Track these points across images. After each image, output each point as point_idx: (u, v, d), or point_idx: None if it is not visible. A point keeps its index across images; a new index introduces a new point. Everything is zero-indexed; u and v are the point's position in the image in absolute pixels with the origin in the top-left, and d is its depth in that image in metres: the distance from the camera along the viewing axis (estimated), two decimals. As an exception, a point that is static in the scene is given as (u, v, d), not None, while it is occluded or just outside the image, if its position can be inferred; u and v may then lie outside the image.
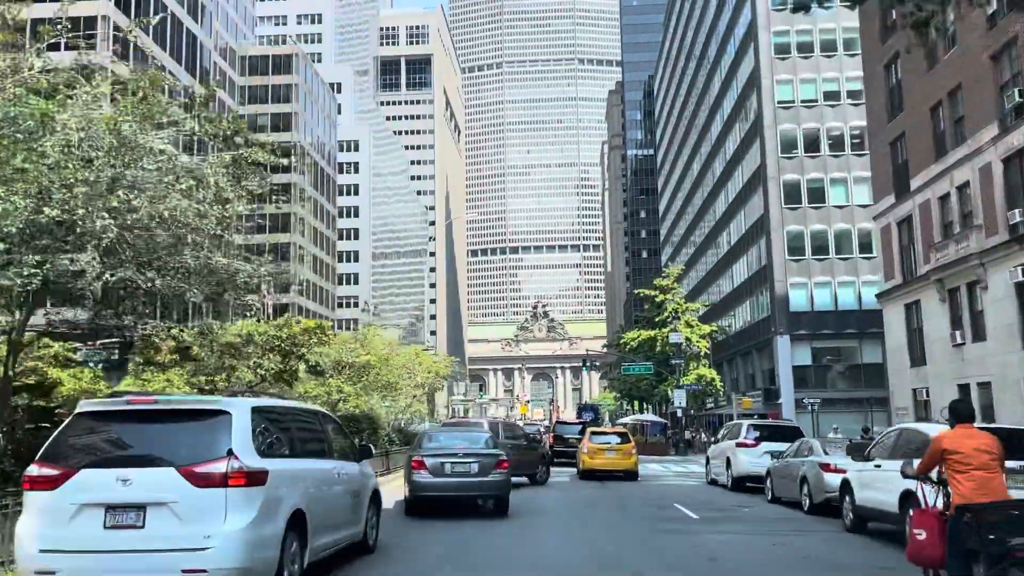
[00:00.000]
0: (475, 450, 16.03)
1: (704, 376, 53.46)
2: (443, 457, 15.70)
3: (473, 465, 15.64)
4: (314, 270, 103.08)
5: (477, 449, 16.08)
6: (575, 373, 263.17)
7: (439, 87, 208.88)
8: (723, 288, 66.42)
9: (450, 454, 15.80)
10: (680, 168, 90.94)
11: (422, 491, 15.54)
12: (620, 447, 26.07)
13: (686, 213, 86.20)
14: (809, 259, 52.05)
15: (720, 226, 67.54)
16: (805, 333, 51.46)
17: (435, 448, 16.26)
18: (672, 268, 60.32)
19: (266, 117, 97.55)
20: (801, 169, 52.84)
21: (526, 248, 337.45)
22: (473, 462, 15.65)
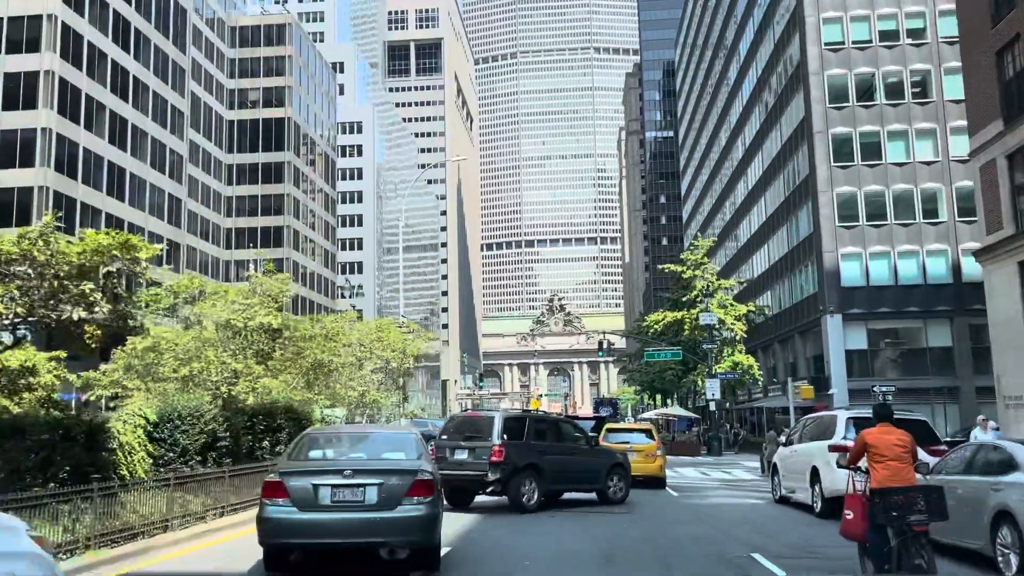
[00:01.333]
0: (375, 464, 9.48)
1: (740, 363, 46.07)
2: (319, 476, 9.11)
3: (368, 490, 8.99)
4: (311, 256, 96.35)
5: (379, 463, 9.59)
6: (592, 368, 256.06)
7: (450, 72, 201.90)
8: (757, 266, 58.89)
9: (332, 471, 9.18)
10: (705, 141, 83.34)
11: (280, 536, 9.04)
12: (643, 447, 21.74)
13: (712, 189, 78.61)
14: (864, 225, 44.48)
15: (754, 196, 59.96)
16: (859, 312, 43.92)
17: (312, 462, 9.61)
18: (702, 240, 52.79)
19: (257, 92, 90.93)
20: (853, 121, 45.26)
21: (542, 241, 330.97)
22: (370, 485, 9.00)
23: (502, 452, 14.95)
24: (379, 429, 12.57)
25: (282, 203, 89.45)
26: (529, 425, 16.12)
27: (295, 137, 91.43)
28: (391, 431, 11.83)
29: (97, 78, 54.20)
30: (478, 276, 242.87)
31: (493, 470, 14.99)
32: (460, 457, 15.63)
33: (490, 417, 16.04)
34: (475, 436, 15.75)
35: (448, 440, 16.21)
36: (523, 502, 15.24)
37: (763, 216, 57.40)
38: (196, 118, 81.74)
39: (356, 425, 14.22)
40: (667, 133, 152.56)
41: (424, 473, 9.19)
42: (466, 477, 15.46)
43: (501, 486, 15.22)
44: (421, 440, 10.64)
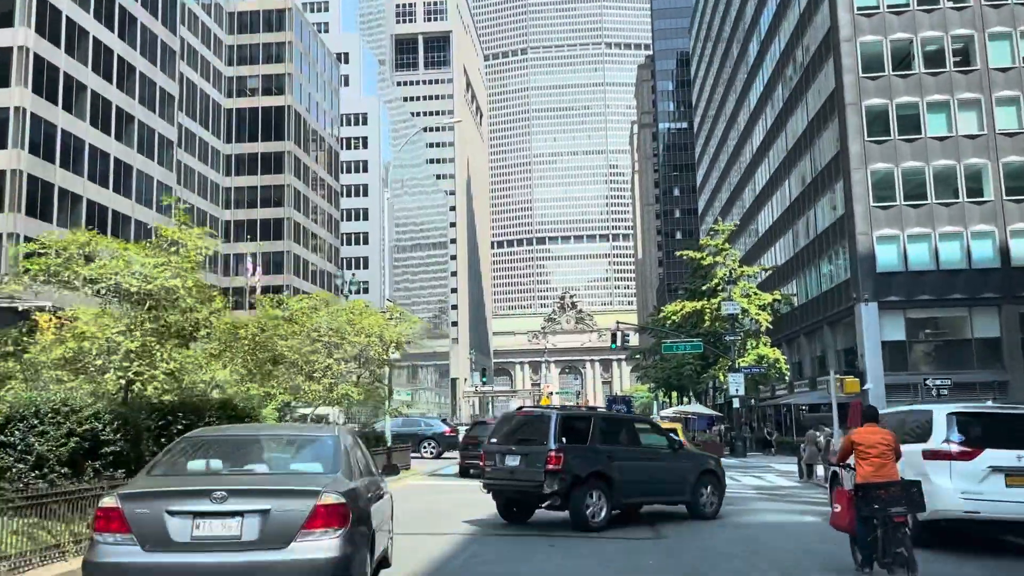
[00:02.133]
0: (261, 483, 6.72)
1: (766, 357, 42.37)
2: (177, 501, 6.26)
3: (248, 521, 6.18)
4: (314, 250, 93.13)
5: (269, 480, 6.83)
6: (605, 366, 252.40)
7: (459, 66, 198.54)
8: (780, 254, 55.15)
9: (195, 493, 6.30)
10: (721, 128, 79.57)
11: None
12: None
13: (729, 177, 74.85)
14: (901, 205, 40.72)
15: (777, 179, 56.21)
16: (897, 300, 40.17)
17: (173, 478, 6.74)
18: (722, 224, 49.04)
19: (256, 79, 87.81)
20: (889, 92, 41.50)
21: (553, 239, 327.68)
22: (250, 513, 6.19)
23: (560, 459, 12.56)
24: (290, 431, 9.07)
25: (282, 194, 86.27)
26: (594, 426, 13.52)
27: (296, 126, 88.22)
28: (307, 432, 8.41)
29: (77, 56, 51.03)
30: (488, 274, 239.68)
31: (550, 480, 12.59)
32: (511, 464, 13.30)
33: (546, 417, 13.43)
34: (529, 439, 13.39)
35: (498, 444, 13.84)
36: (587, 518, 12.69)
37: (787, 200, 53.65)
38: (193, 106, 78.69)
39: (260, 426, 10.63)
40: (681, 124, 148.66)
41: (331, 495, 6.27)
42: (519, 488, 13.27)
43: (560, 499, 12.82)
44: (350, 446, 7.64)
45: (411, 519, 13.25)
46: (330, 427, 8.97)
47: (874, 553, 8.72)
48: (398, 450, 23.96)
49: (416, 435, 29.98)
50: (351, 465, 7.21)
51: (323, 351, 17.42)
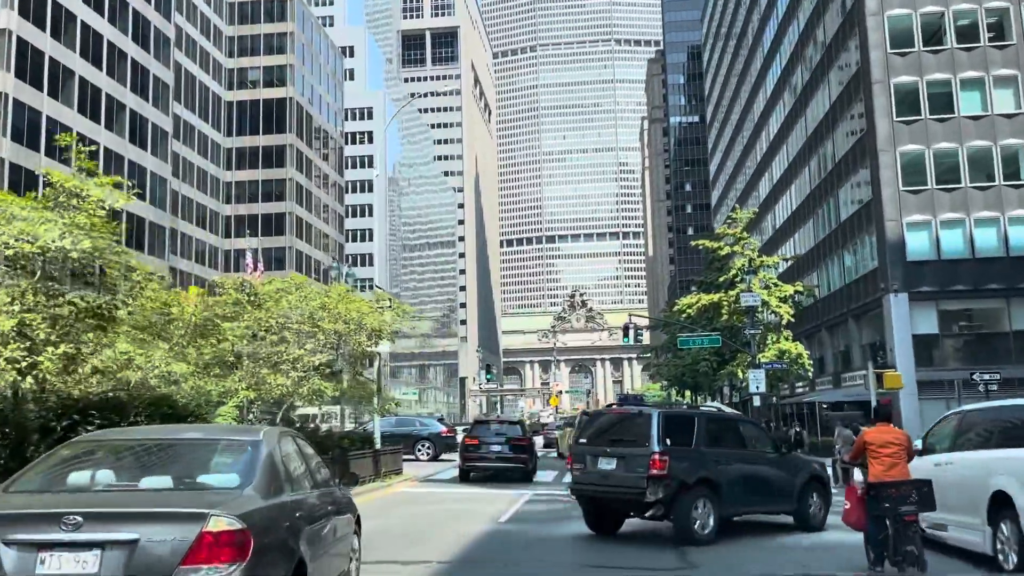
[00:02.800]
0: (128, 506, 5.25)
1: (788, 351, 39.81)
2: (19, 528, 4.90)
3: (108, 557, 4.77)
4: (317, 246, 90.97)
5: (141, 502, 5.33)
6: (615, 365, 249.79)
7: (467, 62, 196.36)
8: (800, 245, 52.50)
9: (42, 518, 4.94)
10: (736, 117, 76.95)
11: None
12: None
13: (744, 167, 72.21)
14: (933, 190, 38.10)
15: (796, 167, 53.60)
16: (928, 291, 37.55)
17: (26, 497, 5.42)
18: (740, 212, 46.41)
19: (257, 71, 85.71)
20: (919, 69, 38.88)
21: (563, 237, 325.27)
22: (112, 545, 4.79)
23: (665, 463, 11.35)
24: (206, 433, 7.05)
25: (284, 188, 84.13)
26: (699, 426, 12.26)
27: (297, 119, 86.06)
28: (225, 436, 6.61)
29: (64, 41, 48.95)
30: (497, 272, 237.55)
31: (653, 487, 11.34)
32: (605, 468, 12.00)
33: (646, 415, 12.14)
34: (625, 440, 12.12)
35: (589, 445, 12.54)
36: (694, 530, 11.42)
37: (807, 188, 51.03)
38: (192, 99, 76.68)
39: (172, 428, 8.23)
40: (692, 118, 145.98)
41: (224, 518, 4.89)
42: (614, 495, 11.97)
43: (664, 508, 11.52)
44: (282, 452, 6.24)
45: (384, 538, 10.89)
46: (256, 429, 6.72)
47: (885, 551, 8.68)
48: (388, 453, 21.60)
49: (410, 436, 27.63)
50: (275, 477, 5.79)
51: (292, 340, 15.12)
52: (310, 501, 6.24)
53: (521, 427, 23.91)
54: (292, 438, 6.88)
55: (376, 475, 19.67)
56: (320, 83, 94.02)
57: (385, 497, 16.62)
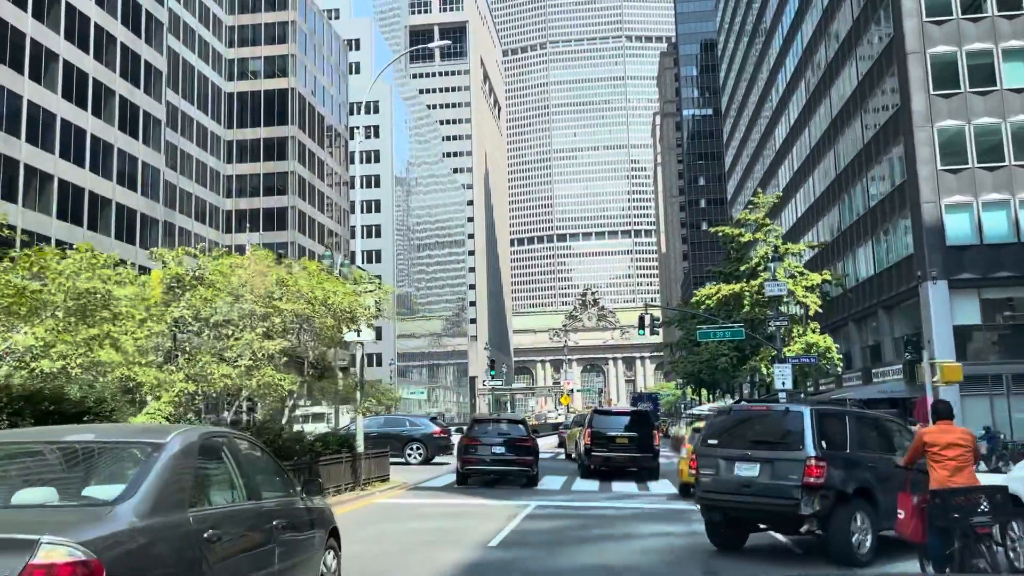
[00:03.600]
0: None
1: (816, 345, 36.89)
2: None
3: None
4: (321, 241, 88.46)
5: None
6: (628, 364, 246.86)
7: (476, 57, 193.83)
8: (824, 233, 49.47)
9: None
10: (753, 105, 73.96)
11: None
12: None
13: (762, 155, 69.17)
14: (974, 168, 35.11)
15: (820, 151, 50.62)
16: (970, 278, 34.58)
17: None
18: (763, 197, 43.31)
19: (259, 61, 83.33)
20: (958, 38, 35.92)
21: (574, 235, 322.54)
22: None
23: (822, 470, 9.72)
24: (101, 436, 5.52)
25: (286, 182, 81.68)
26: (851, 426, 10.55)
27: (300, 110, 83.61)
28: (124, 438, 5.34)
29: (47, 22, 46.54)
30: (507, 271, 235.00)
31: (808, 498, 9.73)
32: (745, 474, 10.29)
33: (795, 413, 10.43)
34: (770, 442, 10.40)
35: (721, 447, 10.74)
36: (853, 549, 9.77)
37: (833, 172, 48.04)
38: (191, 89, 74.37)
39: (62, 429, 6.20)
40: (705, 111, 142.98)
41: (60, 547, 3.80)
42: (757, 507, 10.33)
43: (819, 523, 9.88)
44: (179, 457, 4.89)
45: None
46: (167, 430, 5.40)
47: (948, 566, 7.68)
48: (372, 457, 18.90)
49: (399, 437, 24.93)
50: (173, 488, 4.71)
51: (242, 323, 12.44)
52: (239, 517, 5.27)
53: (524, 426, 21.28)
54: (226, 441, 5.67)
55: (355, 483, 17.00)
56: (324, 74, 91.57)
57: (359, 511, 13.94)
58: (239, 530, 5.16)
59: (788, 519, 10.04)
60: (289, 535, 5.76)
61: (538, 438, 49.20)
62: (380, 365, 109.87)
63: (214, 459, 5.36)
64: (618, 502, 16.59)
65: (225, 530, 4.91)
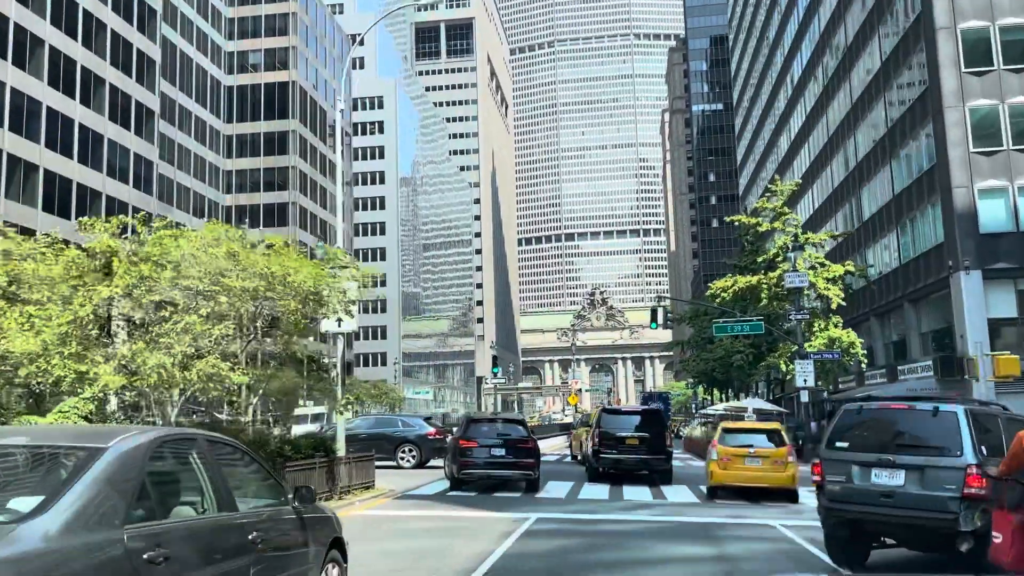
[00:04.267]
0: None
1: (839, 339, 34.65)
2: None
3: None
4: (323, 238, 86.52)
5: None
6: (637, 364, 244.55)
7: (482, 54, 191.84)
8: (844, 224, 47.19)
9: None
10: (766, 96, 71.67)
11: None
12: (770, 452, 17.61)
13: (777, 146, 66.89)
14: (1009, 151, 32.85)
15: (839, 138, 48.36)
16: (1006, 268, 32.33)
17: None
18: (781, 184, 40.93)
19: (259, 54, 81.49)
20: (990, 12, 33.66)
21: (582, 235, 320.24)
22: None
23: (985, 480, 8.27)
24: (27, 438, 4.55)
25: (287, 177, 79.81)
26: (1004, 428, 9.11)
27: (301, 104, 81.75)
28: (60, 440, 4.54)
29: (32, 7, 44.69)
30: (515, 270, 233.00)
31: (968, 513, 8.28)
32: (887, 483, 8.80)
33: (947, 413, 8.84)
34: (917, 446, 8.92)
35: (853, 451, 9.24)
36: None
37: (853, 160, 45.78)
38: (189, 82, 72.57)
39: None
40: (715, 106, 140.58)
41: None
42: (902, 521, 8.82)
43: (978, 540, 8.34)
44: (119, 464, 4.13)
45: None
46: (113, 432, 4.45)
47: None
48: (355, 461, 16.83)
49: (390, 438, 22.80)
50: (104, 500, 3.89)
51: (184, 303, 10.40)
52: (199, 531, 4.50)
53: (523, 426, 19.28)
54: (193, 444, 4.95)
55: (331, 492, 14.93)
56: (326, 67, 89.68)
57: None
58: (199, 547, 4.43)
59: (940, 535, 8.63)
60: (271, 550, 5.04)
61: (544, 439, 47.13)
62: (384, 364, 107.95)
63: (175, 465, 4.72)
64: (632, 514, 14.47)
65: (177, 548, 4.17)
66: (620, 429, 20.47)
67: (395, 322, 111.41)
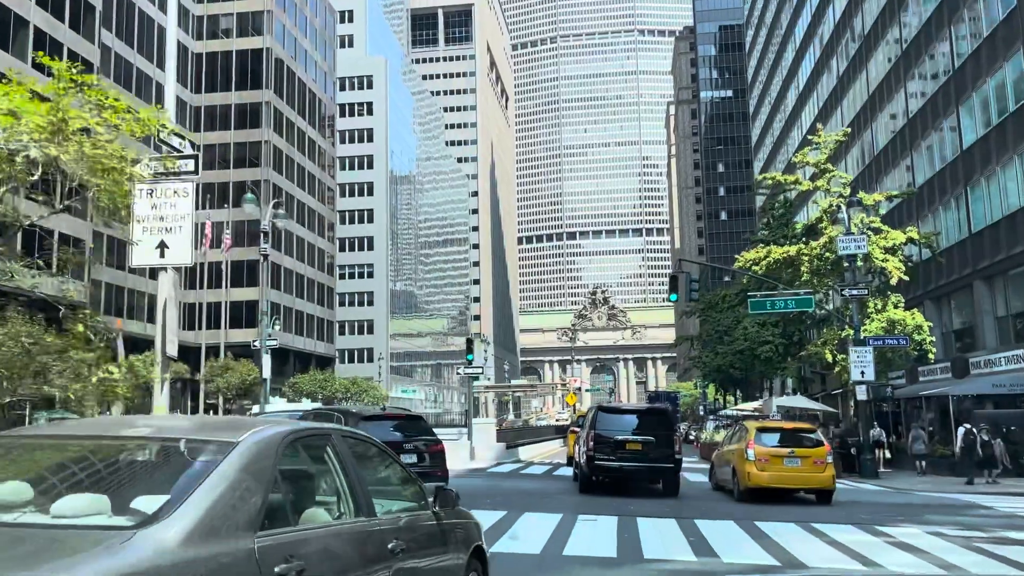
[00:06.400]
0: None
1: (902, 322, 27.57)
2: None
3: None
4: (301, 220, 79.54)
5: None
6: (639, 365, 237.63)
7: (481, 42, 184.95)
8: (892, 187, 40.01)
9: None
10: (786, 67, 64.63)
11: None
12: (808, 452, 16.81)
13: (801, 117, 59.70)
14: None
15: (883, 94, 41.18)
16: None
17: None
18: (824, 135, 33.24)
19: (230, 19, 74.52)
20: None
21: (584, 233, 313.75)
22: None
23: None
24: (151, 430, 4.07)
25: (259, 152, 72.80)
26: None
27: (276, 73, 74.74)
28: (194, 433, 4.00)
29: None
30: (515, 268, 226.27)
31: None
32: None
33: None
34: None
35: None
36: None
37: (901, 119, 38.65)
38: (151, 47, 65.60)
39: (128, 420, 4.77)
40: (725, 92, 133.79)
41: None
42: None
43: None
44: (251, 461, 3.56)
45: None
46: (246, 425, 3.91)
47: None
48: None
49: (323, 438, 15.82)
50: (236, 504, 3.39)
51: None
52: (337, 540, 3.94)
53: (425, 426, 14.42)
54: (331, 439, 4.31)
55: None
56: (306, 37, 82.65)
57: None
58: (335, 557, 3.84)
59: None
60: (411, 560, 4.45)
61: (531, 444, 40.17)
62: (372, 360, 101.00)
63: (309, 463, 4.15)
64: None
65: (312, 559, 3.57)
66: (619, 431, 17.37)
67: (383, 317, 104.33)
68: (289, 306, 75.97)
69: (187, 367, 49.29)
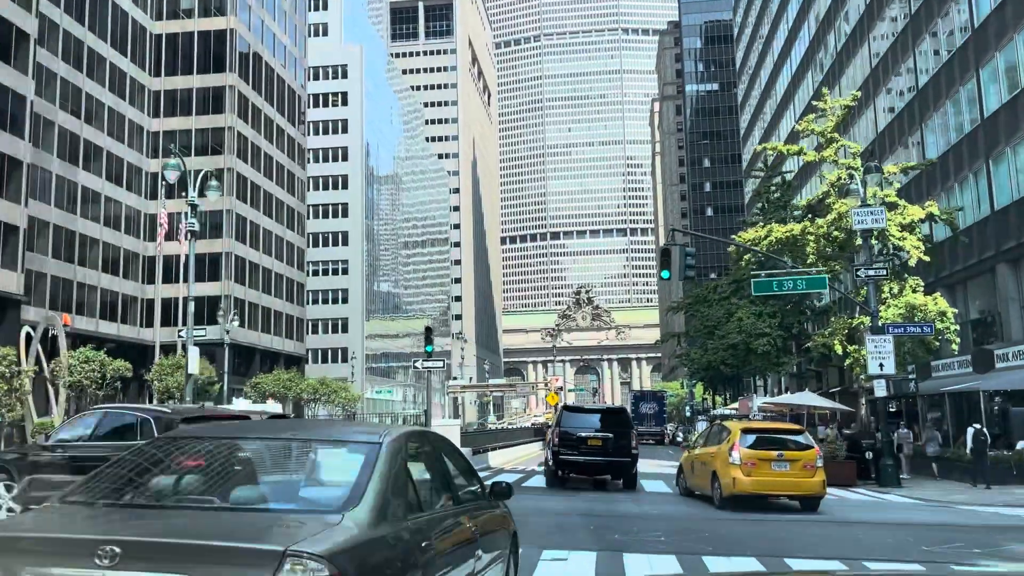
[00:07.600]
0: (180, 537, 3.54)
1: (923, 307, 24.14)
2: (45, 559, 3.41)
3: None
4: (267, 212, 75.50)
5: (201, 532, 3.63)
6: (623, 365, 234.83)
7: (463, 35, 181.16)
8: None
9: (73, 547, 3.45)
10: (777, 48, 61.35)
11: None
12: (797, 455, 15.60)
13: (795, 97, 56.42)
14: None
15: (890, 63, 37.85)
16: None
17: (98, 513, 3.96)
18: (831, 100, 29.56)
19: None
20: None
21: (568, 233, 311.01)
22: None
23: None
24: (309, 432, 5.25)
25: (222, 139, 68.74)
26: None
27: (240, 56, 70.70)
28: (342, 435, 5.03)
29: None
30: (498, 268, 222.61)
31: None
32: None
33: None
34: None
35: None
36: None
37: (913, 86, 35.31)
38: (105, 27, 61.54)
39: (282, 424, 6.16)
40: (710, 86, 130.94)
41: (307, 559, 3.36)
42: None
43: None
44: (396, 457, 4.42)
45: None
46: (377, 428, 5.02)
47: None
48: None
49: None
50: (394, 494, 4.22)
51: None
52: (447, 523, 4.82)
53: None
54: (421, 437, 5.30)
55: None
56: (274, 19, 78.66)
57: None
58: (448, 537, 4.73)
59: None
60: (484, 541, 5.28)
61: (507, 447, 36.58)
62: (345, 360, 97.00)
63: (421, 459, 5.06)
64: None
65: (438, 539, 4.48)
66: (582, 429, 19.15)
67: (359, 315, 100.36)
68: (255, 302, 71.97)
69: (128, 364, 45.29)
